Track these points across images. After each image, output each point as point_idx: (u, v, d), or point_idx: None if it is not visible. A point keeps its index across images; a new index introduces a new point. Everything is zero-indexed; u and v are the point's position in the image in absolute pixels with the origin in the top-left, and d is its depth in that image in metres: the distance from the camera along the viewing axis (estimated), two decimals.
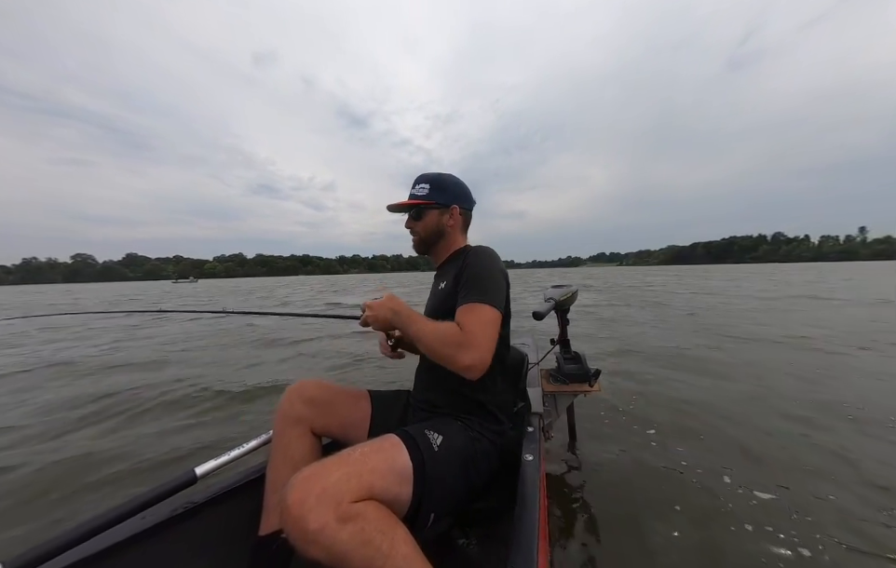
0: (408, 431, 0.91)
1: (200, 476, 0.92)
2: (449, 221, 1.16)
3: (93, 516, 0.75)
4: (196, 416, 2.71)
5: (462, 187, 1.19)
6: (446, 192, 1.15)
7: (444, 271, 1.19)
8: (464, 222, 1.21)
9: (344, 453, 0.80)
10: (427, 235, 1.18)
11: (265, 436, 1.08)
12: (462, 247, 1.21)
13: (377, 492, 0.75)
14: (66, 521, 1.61)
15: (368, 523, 0.69)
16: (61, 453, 2.16)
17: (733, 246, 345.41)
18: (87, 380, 3.76)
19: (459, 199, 1.17)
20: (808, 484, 1.70)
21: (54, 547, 0.69)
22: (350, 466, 0.75)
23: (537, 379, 1.71)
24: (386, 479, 0.78)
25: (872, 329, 5.28)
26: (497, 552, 1.14)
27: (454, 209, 1.16)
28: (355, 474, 0.74)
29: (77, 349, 5.48)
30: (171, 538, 0.89)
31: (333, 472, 0.73)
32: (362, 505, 0.71)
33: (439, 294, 1.15)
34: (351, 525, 0.67)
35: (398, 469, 0.81)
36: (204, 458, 0.94)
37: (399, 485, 0.80)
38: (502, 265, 1.10)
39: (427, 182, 1.15)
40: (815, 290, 12.09)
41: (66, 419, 2.70)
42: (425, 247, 1.22)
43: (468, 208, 1.21)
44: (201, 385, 3.35)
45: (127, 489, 1.83)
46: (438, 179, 1.16)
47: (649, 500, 1.64)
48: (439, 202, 1.15)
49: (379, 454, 0.81)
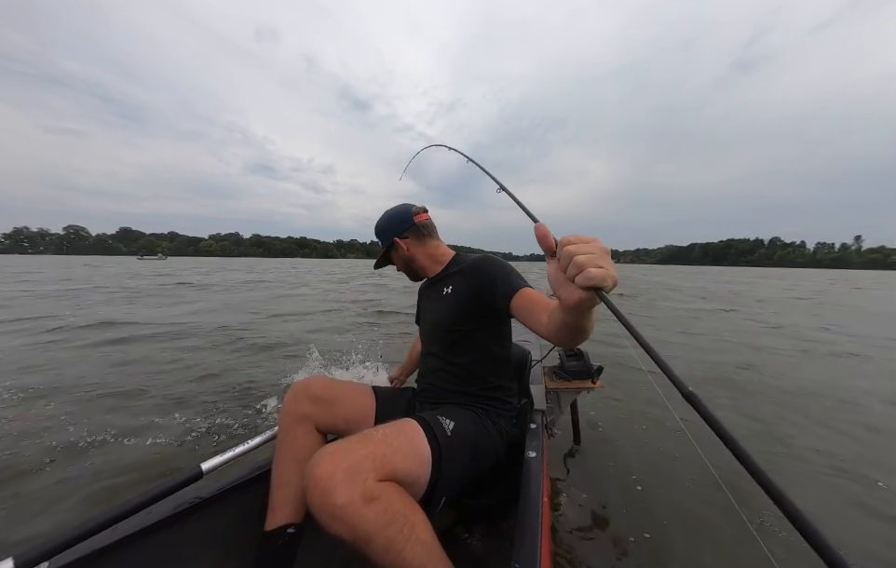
0: (423, 417, 0.94)
1: (206, 471, 0.92)
2: (404, 251, 1.25)
3: (100, 512, 0.75)
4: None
5: (390, 221, 1.27)
6: (385, 234, 1.27)
7: (444, 279, 1.23)
8: (416, 238, 1.26)
9: (366, 432, 0.82)
10: (404, 267, 1.31)
11: (271, 432, 1.09)
12: (452, 256, 1.28)
13: (400, 474, 0.77)
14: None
15: (391, 505, 0.71)
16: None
17: (730, 248, 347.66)
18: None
19: (394, 232, 1.25)
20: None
21: (60, 543, 0.69)
22: (375, 445, 0.77)
23: (540, 376, 1.72)
24: (407, 461, 0.80)
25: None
26: (501, 548, 1.16)
27: (396, 242, 1.25)
28: (380, 454, 0.75)
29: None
30: (177, 534, 0.89)
31: (360, 450, 0.74)
32: (386, 485, 0.73)
33: (445, 298, 1.18)
34: (376, 505, 0.69)
35: (419, 453, 0.84)
36: (210, 454, 0.94)
37: (418, 468, 0.82)
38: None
39: (377, 236, 1.30)
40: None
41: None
42: (412, 275, 1.33)
43: (406, 229, 1.25)
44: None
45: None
46: (378, 229, 1.29)
47: (653, 497, 1.66)
48: (387, 245, 1.27)
49: (401, 437, 0.84)
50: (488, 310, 1.09)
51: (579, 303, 0.57)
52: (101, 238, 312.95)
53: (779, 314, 8.25)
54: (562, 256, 0.55)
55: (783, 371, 3.77)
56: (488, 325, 1.14)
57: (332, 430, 1.10)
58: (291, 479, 0.97)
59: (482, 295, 1.08)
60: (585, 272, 0.52)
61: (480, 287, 1.09)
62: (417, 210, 1.26)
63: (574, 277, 0.53)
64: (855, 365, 4.11)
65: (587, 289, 0.53)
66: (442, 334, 1.18)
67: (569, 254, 0.54)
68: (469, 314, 1.12)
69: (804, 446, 2.19)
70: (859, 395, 3.08)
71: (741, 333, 5.80)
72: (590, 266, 0.52)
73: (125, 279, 15.30)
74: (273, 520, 0.95)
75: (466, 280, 1.14)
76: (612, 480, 1.80)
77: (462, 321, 1.13)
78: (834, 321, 7.28)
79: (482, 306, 1.09)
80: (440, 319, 1.19)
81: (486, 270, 1.09)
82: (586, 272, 0.52)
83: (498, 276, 1.05)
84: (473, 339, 1.13)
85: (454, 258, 1.27)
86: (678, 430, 2.29)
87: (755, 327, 6.47)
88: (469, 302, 1.11)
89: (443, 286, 1.20)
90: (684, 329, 6.13)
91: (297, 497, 0.96)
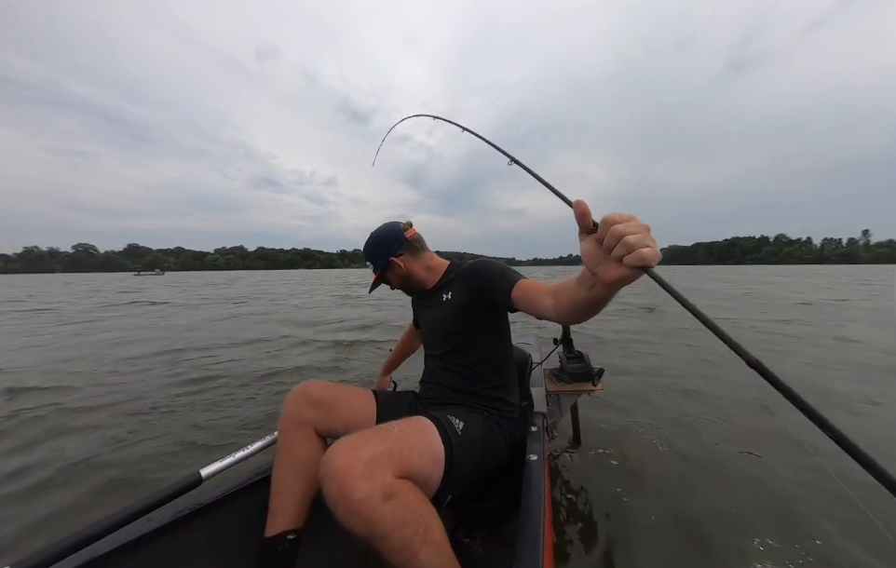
0: (435, 415, 0.94)
1: (205, 477, 0.92)
2: (401, 269, 1.22)
3: (98, 519, 0.75)
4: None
5: (381, 241, 1.23)
6: (378, 256, 1.23)
7: (443, 287, 1.23)
8: (411, 253, 1.23)
9: (382, 427, 0.81)
10: (401, 285, 1.28)
11: (270, 437, 1.08)
12: (447, 266, 1.27)
13: (415, 471, 0.77)
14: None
15: (408, 503, 0.70)
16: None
17: (735, 247, 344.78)
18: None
19: (387, 253, 1.22)
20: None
21: (59, 551, 0.68)
22: (392, 441, 0.76)
23: (541, 379, 1.72)
24: (423, 459, 0.80)
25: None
26: (502, 552, 1.14)
27: (391, 262, 1.21)
28: (397, 450, 0.75)
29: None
30: (176, 540, 0.89)
31: (378, 444, 0.73)
32: (404, 483, 0.72)
33: (445, 304, 1.19)
34: (393, 502, 0.68)
35: (433, 451, 0.84)
36: (209, 460, 0.94)
37: (432, 466, 0.82)
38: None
39: (368, 259, 1.25)
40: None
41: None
42: (409, 291, 1.31)
43: (399, 246, 1.22)
44: None
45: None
46: (369, 252, 1.24)
47: (655, 499, 1.64)
48: (381, 268, 1.22)
49: (416, 434, 0.83)
50: (488, 309, 1.11)
51: (620, 280, 0.57)
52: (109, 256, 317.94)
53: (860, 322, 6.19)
54: (607, 235, 0.56)
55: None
56: (489, 324, 1.17)
57: (331, 434, 1.08)
58: (291, 484, 0.96)
59: (482, 295, 1.10)
60: (637, 252, 0.53)
61: (478, 288, 1.11)
62: (405, 226, 1.25)
63: (622, 257, 0.54)
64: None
65: (635, 268, 0.54)
66: (445, 339, 1.20)
67: (618, 234, 0.54)
68: (470, 316, 1.14)
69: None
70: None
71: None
72: (640, 246, 0.53)
73: (65, 296, 13.83)
74: (273, 526, 0.94)
75: (464, 284, 1.16)
76: (612, 482, 1.79)
77: (464, 324, 1.15)
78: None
79: (483, 306, 1.11)
80: (442, 324, 1.20)
81: (483, 271, 1.11)
82: (638, 252, 0.53)
83: (494, 274, 1.07)
84: (475, 339, 1.16)
85: (449, 267, 1.27)
86: (679, 431, 2.26)
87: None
88: (469, 304, 1.13)
89: (443, 293, 1.21)
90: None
91: (297, 503, 0.96)
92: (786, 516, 1.53)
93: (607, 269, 0.58)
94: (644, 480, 1.79)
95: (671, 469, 1.88)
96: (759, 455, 1.97)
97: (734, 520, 1.51)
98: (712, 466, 1.89)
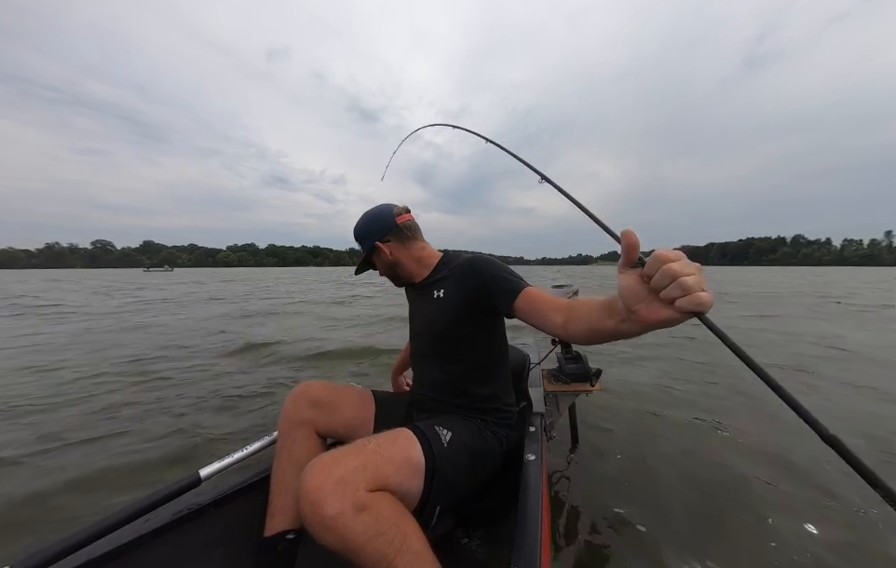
0: (419, 426, 0.92)
1: (205, 478, 0.91)
2: (387, 256, 1.16)
3: (97, 520, 0.75)
4: None
5: (370, 223, 1.17)
6: (364, 238, 1.18)
7: (435, 283, 1.15)
8: (400, 241, 1.16)
9: (359, 442, 0.81)
10: (387, 272, 1.22)
11: (269, 437, 1.08)
12: (438, 258, 1.19)
13: (392, 484, 0.76)
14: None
15: (382, 515, 0.70)
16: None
17: (750, 248, 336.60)
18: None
19: (375, 236, 1.16)
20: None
21: (59, 551, 0.68)
22: (367, 455, 0.76)
23: (539, 379, 1.70)
24: (400, 472, 0.79)
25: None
26: (500, 552, 1.13)
27: (376, 247, 1.16)
28: (371, 464, 0.75)
29: None
30: (175, 541, 0.89)
31: (351, 460, 0.73)
32: (377, 495, 0.72)
33: (437, 303, 1.11)
34: (366, 515, 0.68)
35: (412, 463, 0.83)
36: (208, 460, 0.94)
37: (411, 479, 0.81)
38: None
39: (357, 240, 1.21)
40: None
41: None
42: (396, 280, 1.25)
43: (388, 232, 1.15)
44: None
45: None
46: (358, 232, 1.19)
47: (652, 499, 1.63)
48: (368, 250, 1.18)
49: (394, 447, 0.82)
50: (484, 313, 1.05)
51: (666, 322, 0.54)
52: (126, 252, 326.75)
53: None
54: (658, 273, 0.52)
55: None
56: (483, 328, 1.09)
57: (331, 434, 1.08)
58: (291, 484, 0.95)
59: (478, 298, 1.02)
60: (694, 295, 0.49)
61: (474, 289, 1.03)
62: (399, 211, 1.18)
63: (674, 299, 0.51)
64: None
65: (688, 312, 0.50)
66: (435, 340, 1.12)
67: (672, 273, 0.50)
68: (464, 318, 1.06)
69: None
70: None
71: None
72: (697, 289, 0.49)
73: (52, 291, 13.80)
74: (272, 525, 0.94)
75: (458, 283, 1.07)
76: (609, 482, 1.78)
77: (456, 326, 1.07)
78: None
79: (478, 310, 1.04)
80: (432, 325, 1.13)
81: (480, 272, 1.02)
82: (695, 295, 0.49)
83: (495, 276, 0.99)
84: (468, 343, 1.08)
85: (442, 260, 1.19)
86: (677, 430, 2.25)
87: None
88: (463, 306, 1.05)
89: (434, 289, 1.13)
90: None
91: (297, 503, 0.95)
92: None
93: (652, 309, 0.54)
94: (642, 480, 1.78)
95: (670, 469, 1.87)
96: (767, 469, 1.91)
97: (734, 520, 1.49)
98: (713, 467, 1.87)
